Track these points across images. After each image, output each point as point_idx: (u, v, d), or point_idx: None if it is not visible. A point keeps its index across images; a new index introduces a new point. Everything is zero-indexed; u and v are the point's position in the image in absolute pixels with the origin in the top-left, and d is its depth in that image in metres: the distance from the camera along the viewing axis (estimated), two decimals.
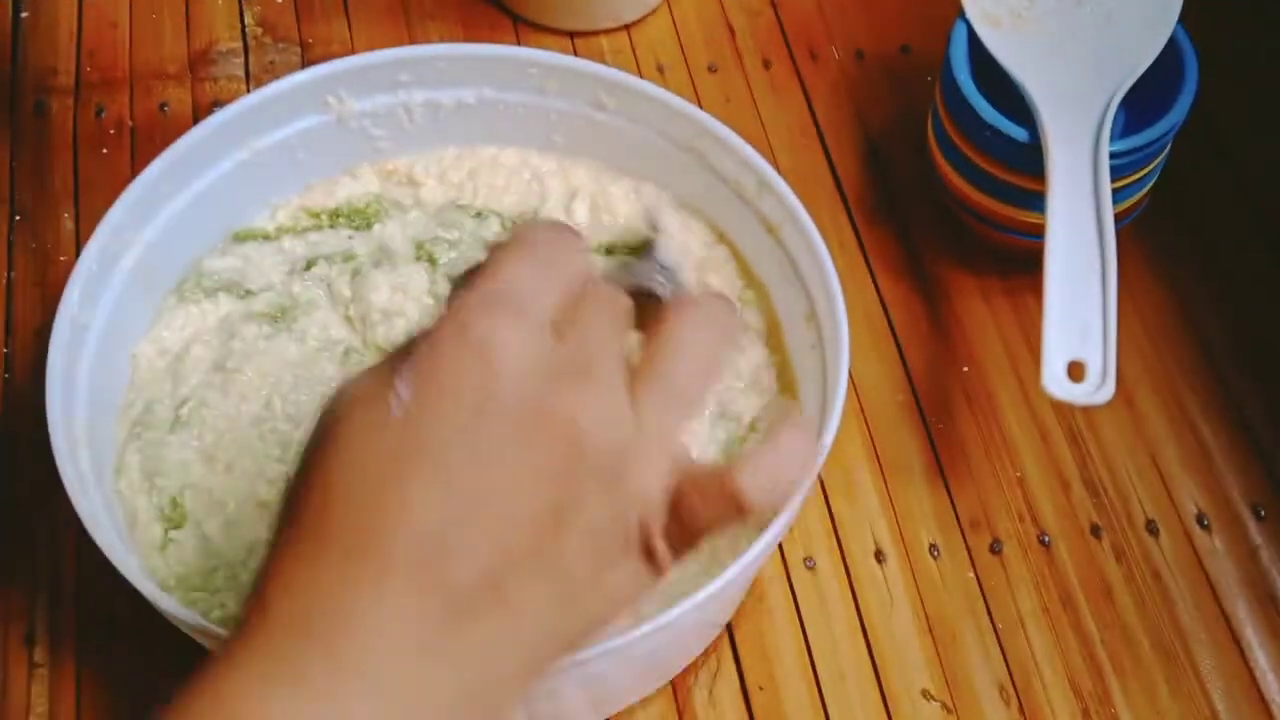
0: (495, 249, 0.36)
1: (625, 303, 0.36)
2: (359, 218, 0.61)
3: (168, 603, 0.46)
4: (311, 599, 0.31)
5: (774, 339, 0.59)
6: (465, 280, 0.35)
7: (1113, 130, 0.60)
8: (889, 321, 0.65)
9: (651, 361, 0.35)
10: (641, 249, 0.57)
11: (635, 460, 0.33)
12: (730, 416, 0.56)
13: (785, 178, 0.56)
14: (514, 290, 0.34)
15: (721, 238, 0.61)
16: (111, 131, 0.70)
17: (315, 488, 0.33)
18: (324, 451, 0.33)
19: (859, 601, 0.57)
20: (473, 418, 0.32)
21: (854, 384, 0.62)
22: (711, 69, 0.73)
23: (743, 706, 0.55)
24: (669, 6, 0.75)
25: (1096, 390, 0.55)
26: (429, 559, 0.31)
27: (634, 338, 0.37)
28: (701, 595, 0.46)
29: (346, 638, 0.31)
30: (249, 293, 0.59)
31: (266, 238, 0.61)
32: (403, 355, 0.34)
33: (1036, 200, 0.60)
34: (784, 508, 0.36)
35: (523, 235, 0.36)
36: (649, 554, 0.34)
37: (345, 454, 0.33)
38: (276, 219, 0.61)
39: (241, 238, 0.61)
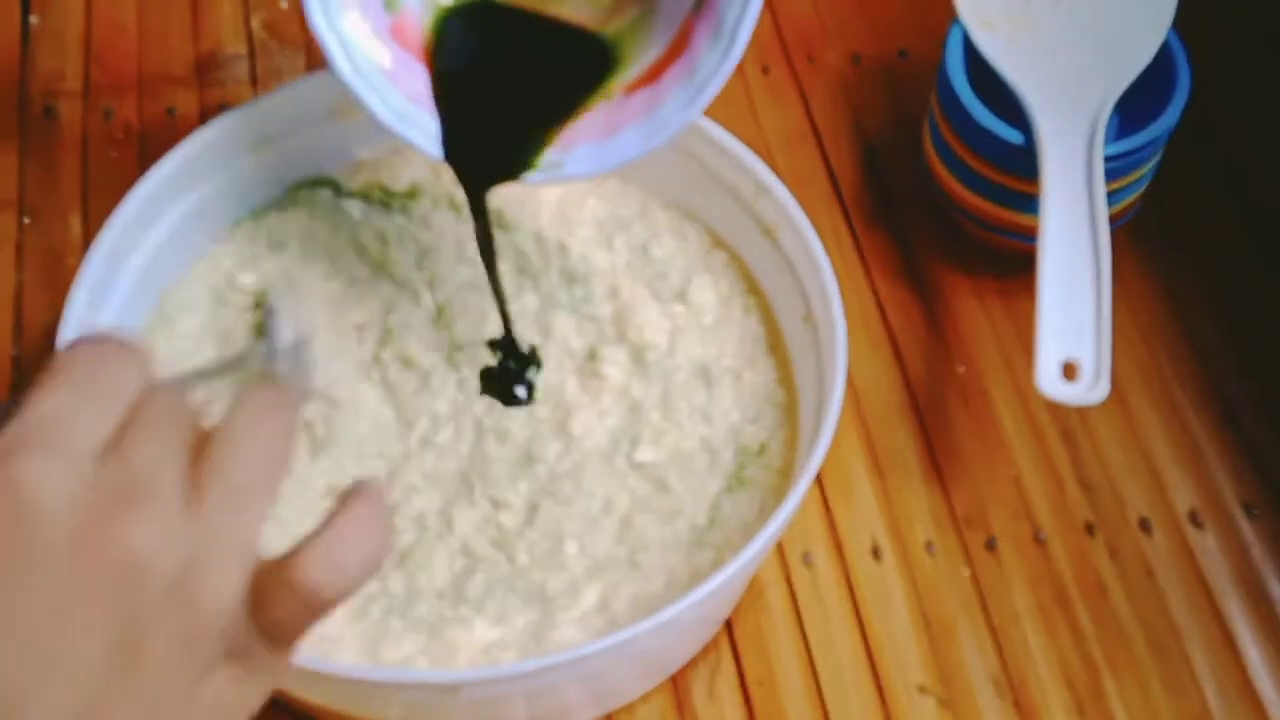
0: (35, 385, 0.33)
1: (185, 411, 0.34)
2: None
3: None
4: None
5: (772, 340, 0.59)
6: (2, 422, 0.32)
7: (1107, 133, 0.60)
8: (885, 322, 0.65)
9: (208, 462, 0.33)
10: (258, 332, 0.58)
11: (202, 570, 0.32)
12: (739, 448, 0.56)
13: (783, 181, 0.57)
14: (47, 424, 0.31)
15: (719, 243, 0.61)
16: (119, 135, 0.70)
17: None
18: None
19: (856, 598, 0.58)
20: (15, 568, 0.30)
21: (851, 384, 0.63)
22: None
23: (742, 702, 0.56)
24: None
25: (1090, 390, 0.55)
26: None
27: None
28: (701, 592, 0.47)
29: None
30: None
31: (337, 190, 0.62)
32: None
33: (1031, 202, 0.61)
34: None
35: (61, 361, 0.33)
36: (243, 655, 0.33)
37: None
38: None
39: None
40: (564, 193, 0.62)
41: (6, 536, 0.30)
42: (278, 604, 0.33)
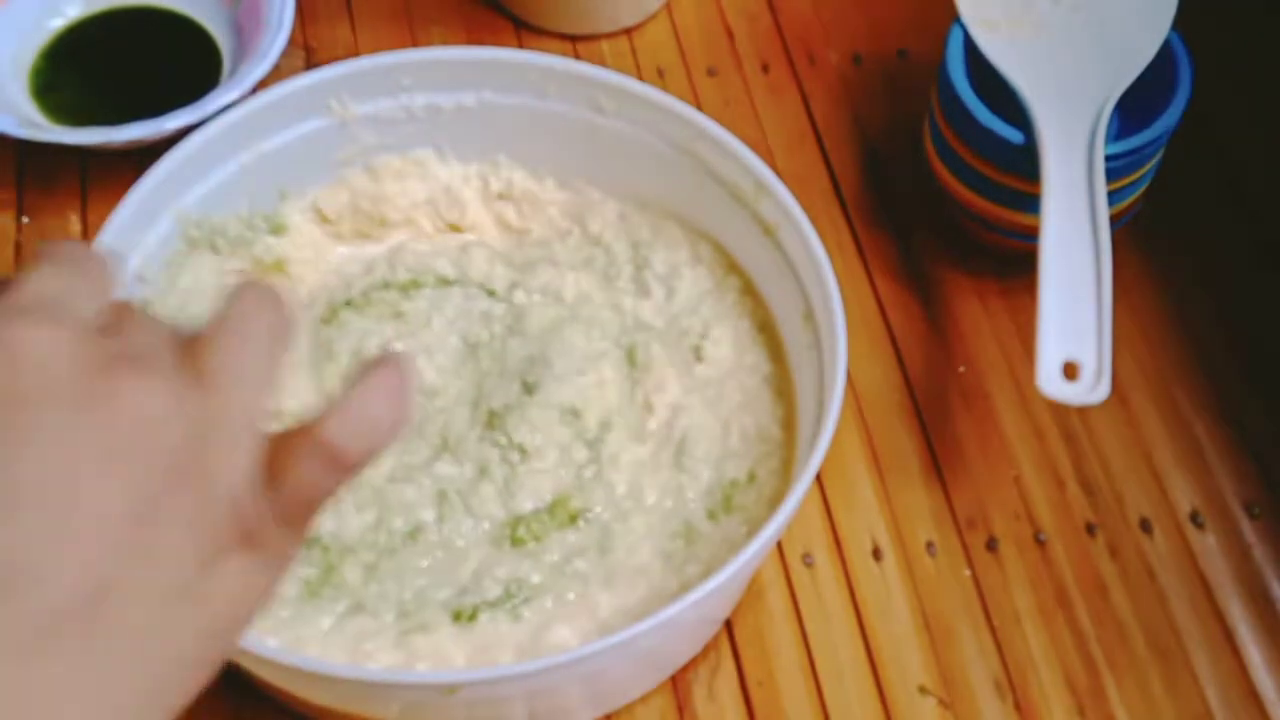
0: (23, 268, 0.32)
1: (168, 324, 0.33)
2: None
3: None
4: None
5: (772, 341, 0.59)
6: None
7: (1107, 133, 0.60)
8: (886, 322, 0.65)
9: (206, 346, 0.31)
10: None
11: (211, 441, 0.30)
12: (725, 477, 0.56)
13: (783, 180, 0.57)
14: (44, 297, 0.30)
15: (733, 268, 0.61)
16: None
17: None
18: None
19: (857, 598, 0.58)
20: (18, 430, 0.28)
21: (851, 384, 0.63)
22: (711, 73, 0.74)
23: (742, 702, 0.56)
24: (669, 11, 0.76)
25: (1091, 390, 0.55)
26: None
27: None
28: (701, 592, 0.47)
29: None
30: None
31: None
32: None
33: (1032, 202, 0.60)
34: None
35: (49, 250, 0.32)
36: (256, 538, 0.31)
37: None
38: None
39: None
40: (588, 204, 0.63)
41: (7, 395, 0.28)
42: (299, 469, 0.31)
